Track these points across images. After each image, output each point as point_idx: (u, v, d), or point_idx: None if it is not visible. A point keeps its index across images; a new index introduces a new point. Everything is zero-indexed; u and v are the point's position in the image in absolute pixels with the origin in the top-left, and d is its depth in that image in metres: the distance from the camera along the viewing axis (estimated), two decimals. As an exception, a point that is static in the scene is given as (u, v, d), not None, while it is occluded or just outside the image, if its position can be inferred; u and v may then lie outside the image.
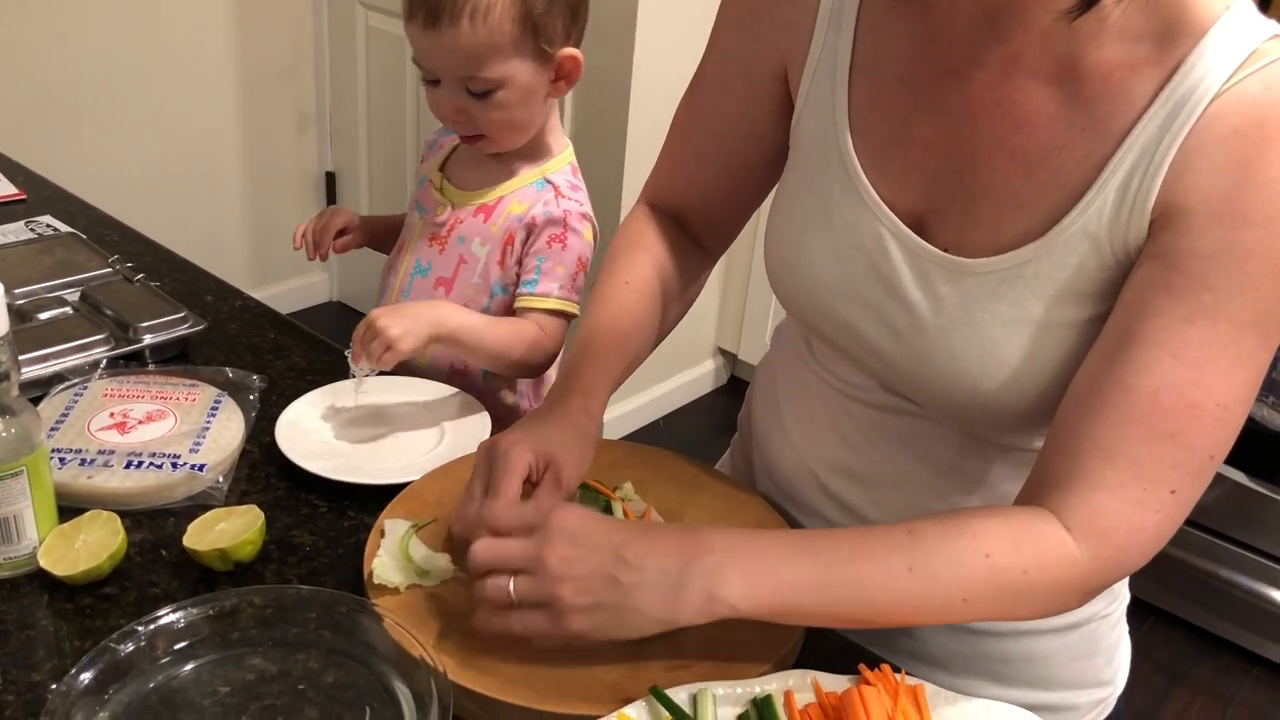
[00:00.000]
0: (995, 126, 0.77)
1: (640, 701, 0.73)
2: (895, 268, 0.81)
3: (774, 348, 1.05)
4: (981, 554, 0.70)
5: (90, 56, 2.59)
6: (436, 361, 1.26)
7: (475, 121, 1.17)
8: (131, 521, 0.92)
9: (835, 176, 0.84)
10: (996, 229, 0.77)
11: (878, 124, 0.82)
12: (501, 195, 1.23)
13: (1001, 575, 0.70)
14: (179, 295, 1.25)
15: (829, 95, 0.84)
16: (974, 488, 0.88)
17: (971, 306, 0.78)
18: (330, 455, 1.02)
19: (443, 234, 1.25)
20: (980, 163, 0.78)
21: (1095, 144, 0.73)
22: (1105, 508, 0.70)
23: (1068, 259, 0.75)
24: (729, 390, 3.15)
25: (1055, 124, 0.75)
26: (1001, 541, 0.70)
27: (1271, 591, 2.22)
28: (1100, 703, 0.98)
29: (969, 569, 0.70)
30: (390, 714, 0.74)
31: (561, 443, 0.85)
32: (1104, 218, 0.73)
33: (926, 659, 0.94)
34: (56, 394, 1.07)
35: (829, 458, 0.93)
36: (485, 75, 1.13)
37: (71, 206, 1.52)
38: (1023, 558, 0.70)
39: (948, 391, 0.81)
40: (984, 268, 0.77)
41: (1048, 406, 0.78)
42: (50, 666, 0.79)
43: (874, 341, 0.84)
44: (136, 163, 2.74)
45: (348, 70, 3.01)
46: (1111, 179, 0.72)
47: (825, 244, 0.84)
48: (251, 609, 0.80)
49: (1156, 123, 0.71)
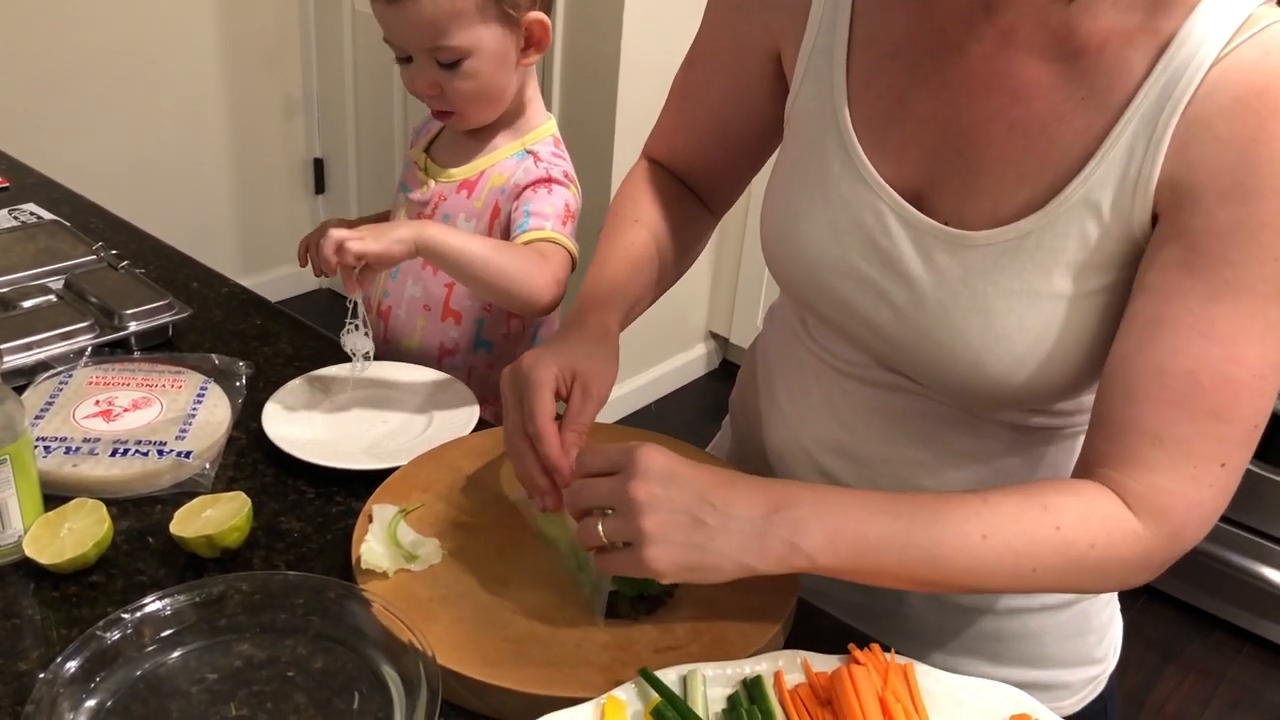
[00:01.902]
0: (993, 99, 0.77)
1: (630, 683, 0.72)
2: (895, 243, 0.81)
3: (768, 326, 1.05)
4: (1052, 526, 0.72)
5: (73, 42, 2.57)
6: (426, 343, 1.25)
7: (447, 95, 1.17)
8: (117, 509, 0.91)
9: (833, 153, 0.83)
10: (997, 201, 0.77)
11: (875, 100, 0.82)
12: (483, 169, 1.22)
13: (1071, 548, 0.72)
14: (164, 282, 1.25)
15: (826, 73, 0.84)
16: (968, 465, 0.87)
17: (973, 279, 0.78)
18: (317, 441, 1.01)
19: (427, 212, 1.24)
20: (978, 135, 0.77)
21: (1094, 115, 0.73)
22: (1162, 487, 0.72)
23: (1069, 229, 0.75)
24: (721, 374, 3.14)
25: (1053, 95, 0.75)
26: (1071, 515, 0.72)
27: (1262, 569, 2.23)
28: (1092, 681, 0.98)
29: (1040, 541, 0.72)
30: (379, 699, 0.73)
31: (585, 354, 0.85)
32: (1107, 188, 0.73)
33: (918, 637, 0.94)
34: (41, 382, 1.06)
35: (822, 435, 0.93)
36: (452, 44, 1.12)
37: (55, 194, 1.51)
38: (1091, 532, 0.72)
39: (949, 366, 0.80)
40: (985, 239, 0.77)
41: (1048, 379, 0.78)
42: (37, 655, 0.78)
43: (872, 317, 0.83)
44: (121, 149, 2.72)
45: (334, 55, 3.00)
46: (1113, 150, 0.73)
47: (822, 221, 0.84)
48: (239, 595, 0.79)
49: (1155, 92, 0.71)
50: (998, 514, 0.72)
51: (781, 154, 0.91)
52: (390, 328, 1.28)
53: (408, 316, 1.26)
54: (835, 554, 0.72)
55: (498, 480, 0.94)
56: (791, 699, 0.72)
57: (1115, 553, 0.72)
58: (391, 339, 1.28)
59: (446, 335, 1.24)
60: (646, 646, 0.77)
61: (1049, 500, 0.73)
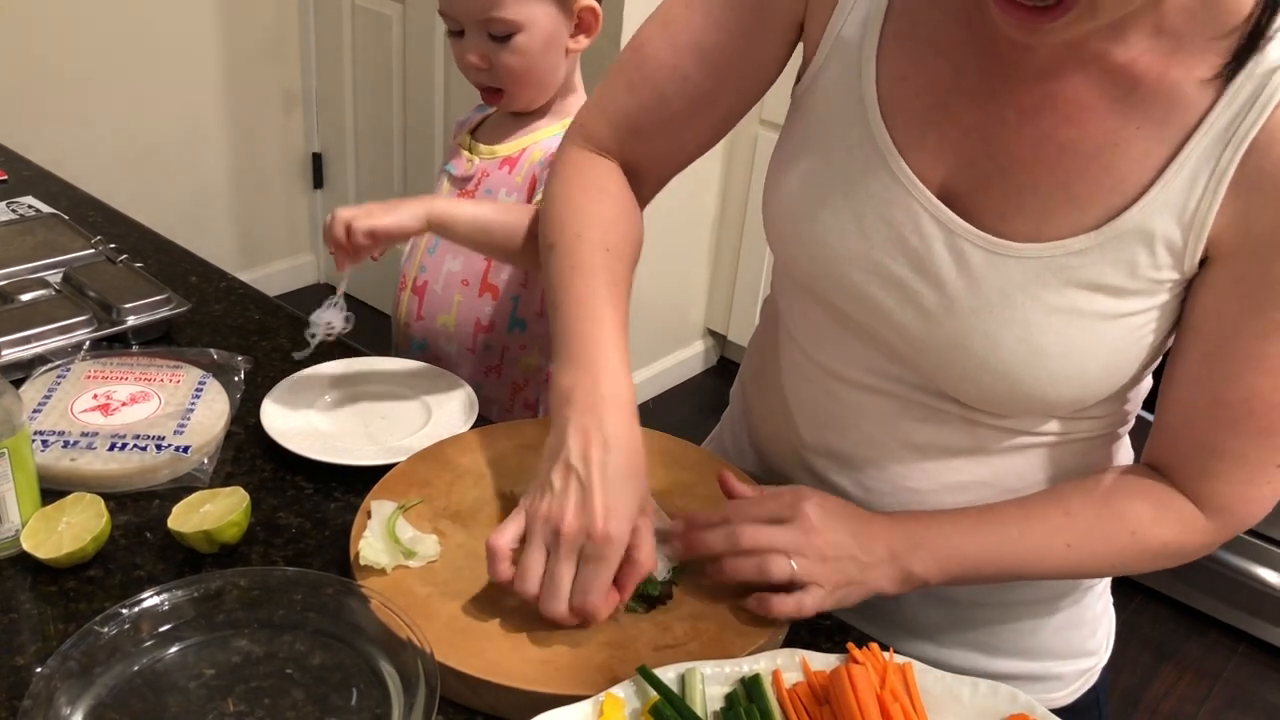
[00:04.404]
0: (1045, 120, 0.76)
1: (628, 681, 0.72)
2: (927, 244, 0.79)
3: (760, 325, 1.04)
4: (1128, 531, 0.82)
5: (73, 35, 2.56)
6: (462, 318, 1.26)
7: (495, 71, 1.18)
8: (115, 504, 0.91)
9: (858, 145, 0.81)
10: (1043, 219, 0.77)
11: (912, 98, 0.80)
12: (525, 147, 1.25)
13: (1146, 547, 0.82)
14: (163, 276, 1.24)
15: (855, 59, 0.81)
16: (959, 471, 0.87)
17: (1012, 291, 0.77)
18: (316, 436, 1.01)
19: (470, 188, 1.26)
20: (1027, 155, 0.76)
21: (1152, 145, 0.73)
22: (1221, 491, 0.81)
23: (1119, 255, 0.75)
24: (719, 371, 3.14)
25: (1109, 121, 0.74)
26: (1144, 519, 0.82)
27: (1257, 568, 2.23)
28: (1085, 673, 0.98)
29: (1118, 545, 0.82)
30: (377, 695, 0.73)
31: (638, 497, 0.78)
32: (1163, 219, 0.74)
33: (912, 632, 0.94)
34: (39, 376, 1.06)
35: (812, 438, 0.93)
36: (505, 16, 1.15)
37: (53, 187, 1.51)
38: (1165, 531, 0.82)
39: (976, 373, 0.80)
40: (1030, 252, 0.76)
41: (1077, 393, 0.79)
42: (34, 650, 0.78)
43: (897, 317, 0.82)
44: (120, 143, 2.72)
45: (334, 49, 2.99)
46: (1175, 180, 0.73)
47: (846, 214, 0.82)
48: (237, 591, 0.79)
49: (1218, 129, 0.71)
50: (1079, 525, 0.82)
51: (789, 137, 0.87)
52: (425, 303, 1.29)
53: (444, 292, 1.28)
54: (945, 574, 0.82)
55: (496, 476, 0.94)
56: (790, 698, 0.72)
57: (1187, 546, 0.83)
58: (426, 315, 1.29)
59: (482, 311, 1.26)
60: (645, 644, 0.77)
61: (1124, 507, 0.82)
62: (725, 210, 2.91)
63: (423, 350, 1.31)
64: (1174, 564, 0.84)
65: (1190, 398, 0.80)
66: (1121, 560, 0.83)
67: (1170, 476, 0.82)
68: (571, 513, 0.75)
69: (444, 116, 2.79)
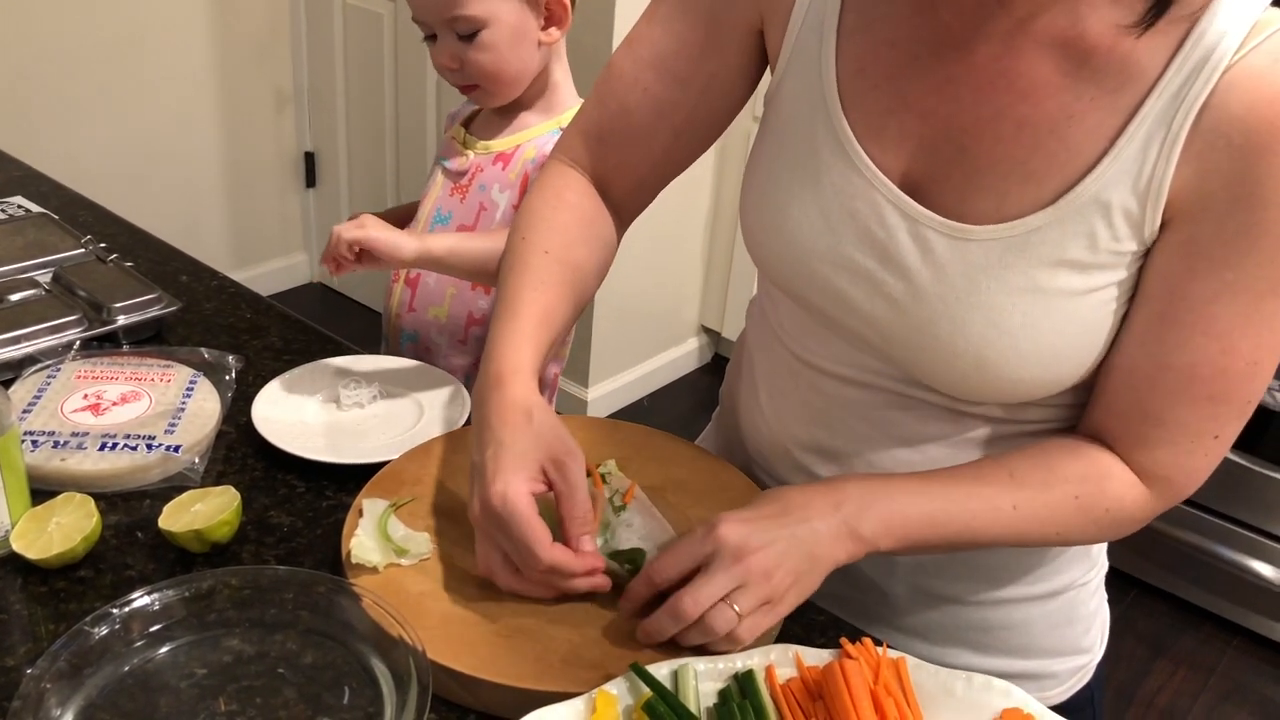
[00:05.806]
0: (1000, 97, 0.76)
1: (621, 678, 0.72)
2: (891, 234, 0.80)
3: (747, 322, 1.04)
4: (1072, 496, 0.81)
5: (62, 34, 2.55)
6: (454, 312, 1.28)
7: (466, 69, 1.21)
8: (106, 504, 0.91)
9: (822, 140, 0.82)
10: (1001, 198, 0.77)
11: (869, 90, 0.81)
12: (519, 144, 1.27)
13: (1089, 513, 0.81)
14: (153, 276, 1.24)
15: (815, 57, 0.83)
16: (947, 461, 0.87)
17: (975, 274, 0.77)
18: (307, 435, 1.01)
19: (463, 183, 1.28)
20: (984, 133, 0.77)
21: (1106, 115, 0.73)
22: (1161, 459, 0.80)
23: (1078, 228, 0.75)
24: (713, 368, 3.14)
25: (1063, 94, 0.74)
26: (1088, 485, 0.81)
27: (1252, 562, 2.23)
28: (1079, 670, 0.98)
29: (1062, 510, 0.81)
30: (369, 694, 0.73)
31: (536, 443, 0.79)
32: (1119, 188, 0.73)
33: (906, 629, 0.94)
34: (29, 376, 1.05)
35: (801, 435, 0.93)
36: (467, 14, 1.17)
37: (43, 187, 1.50)
38: (1106, 499, 0.81)
39: (947, 359, 0.80)
40: (989, 234, 0.77)
41: (1048, 374, 0.79)
42: (24, 650, 0.78)
43: (867, 309, 0.82)
44: (110, 142, 2.71)
45: (325, 48, 2.98)
46: (1127, 149, 0.73)
47: (813, 209, 0.83)
48: (228, 590, 0.79)
49: (1169, 94, 0.71)
50: (1024, 489, 0.81)
51: (762, 139, 0.89)
52: (418, 295, 1.30)
53: (437, 285, 1.29)
54: (891, 536, 0.79)
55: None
56: (783, 693, 0.72)
57: (1126, 513, 0.82)
58: (418, 307, 1.30)
59: (475, 305, 1.27)
60: (638, 641, 0.77)
61: (1068, 471, 0.81)
62: (719, 207, 2.91)
63: (413, 342, 1.31)
64: (1116, 534, 0.84)
65: (1134, 363, 0.78)
66: (1067, 526, 0.82)
67: (1111, 445, 0.81)
68: (475, 500, 0.78)
69: (436, 114, 2.79)
